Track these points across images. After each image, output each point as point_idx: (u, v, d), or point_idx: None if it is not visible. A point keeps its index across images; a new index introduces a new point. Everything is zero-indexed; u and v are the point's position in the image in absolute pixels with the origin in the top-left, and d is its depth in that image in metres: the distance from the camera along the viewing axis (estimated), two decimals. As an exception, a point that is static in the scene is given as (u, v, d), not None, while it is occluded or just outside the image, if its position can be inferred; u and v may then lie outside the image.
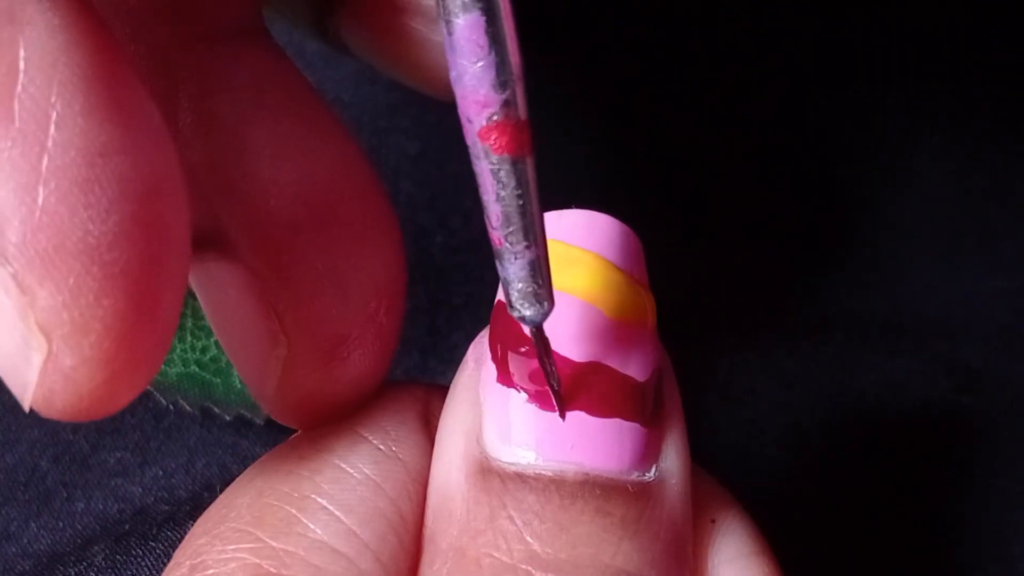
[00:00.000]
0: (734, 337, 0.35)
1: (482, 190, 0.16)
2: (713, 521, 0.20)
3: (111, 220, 0.15)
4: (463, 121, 0.15)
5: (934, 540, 0.32)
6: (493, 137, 0.15)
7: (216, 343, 0.30)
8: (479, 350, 0.20)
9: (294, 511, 0.18)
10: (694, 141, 0.38)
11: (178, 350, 0.30)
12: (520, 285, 0.17)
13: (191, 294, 0.31)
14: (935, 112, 0.38)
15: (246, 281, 0.20)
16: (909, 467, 0.33)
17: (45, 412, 0.16)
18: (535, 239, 0.16)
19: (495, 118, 0.15)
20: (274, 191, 0.19)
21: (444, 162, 0.36)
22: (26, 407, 0.16)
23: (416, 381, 0.22)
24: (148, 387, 0.29)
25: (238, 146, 0.19)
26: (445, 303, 0.34)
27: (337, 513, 0.18)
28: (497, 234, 0.16)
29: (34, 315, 0.15)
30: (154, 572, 0.27)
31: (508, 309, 0.17)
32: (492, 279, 0.20)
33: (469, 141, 0.16)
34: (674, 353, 0.21)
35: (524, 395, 0.18)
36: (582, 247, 0.19)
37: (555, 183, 0.36)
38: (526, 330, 0.18)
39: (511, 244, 0.16)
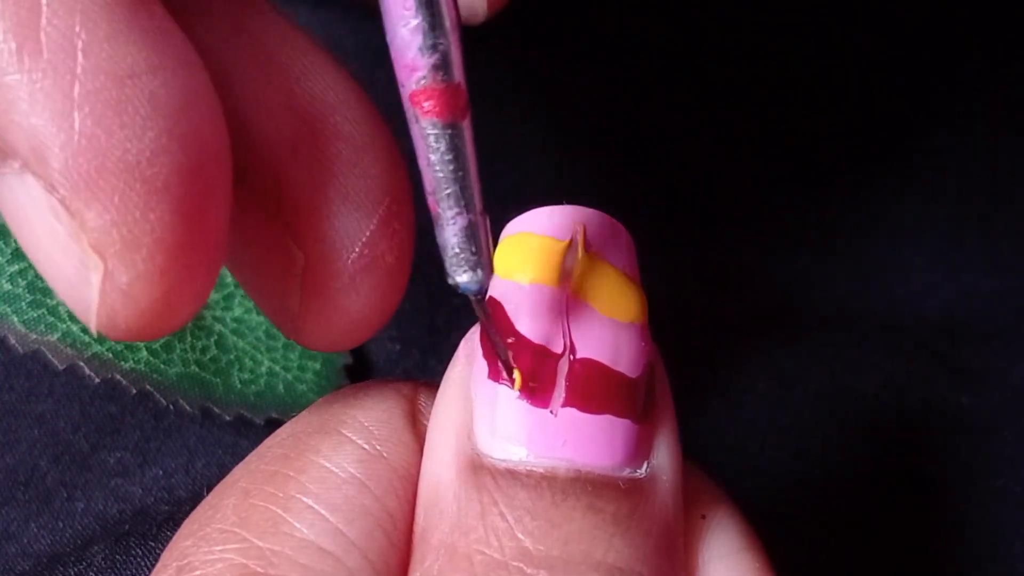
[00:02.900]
0: (734, 337, 0.35)
1: (417, 154, 0.16)
2: (703, 517, 0.20)
3: (147, 137, 0.16)
4: (399, 85, 0.16)
5: (934, 540, 0.32)
6: (422, 101, 0.15)
7: (216, 343, 0.30)
8: (470, 346, 0.20)
9: (280, 511, 0.18)
10: (693, 140, 0.38)
11: (178, 350, 0.30)
12: (453, 251, 0.17)
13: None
14: (935, 112, 0.38)
15: (253, 203, 0.20)
16: (909, 467, 0.33)
17: (111, 333, 0.17)
18: (468, 206, 0.17)
19: (423, 82, 0.15)
20: (266, 112, 0.20)
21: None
22: (93, 329, 0.17)
23: (403, 378, 0.22)
24: (148, 387, 0.29)
25: (223, 73, 0.20)
26: (445, 303, 0.34)
27: (323, 512, 0.18)
28: (431, 199, 0.17)
29: (86, 236, 0.16)
30: (154, 572, 0.27)
31: (446, 277, 0.18)
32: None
33: (404, 105, 0.16)
34: (673, 352, 0.21)
35: (515, 391, 0.18)
36: (574, 243, 0.19)
37: (553, 181, 0.36)
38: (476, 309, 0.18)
39: (443, 210, 0.17)
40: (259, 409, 0.30)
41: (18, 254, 0.28)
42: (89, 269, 0.16)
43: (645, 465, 0.19)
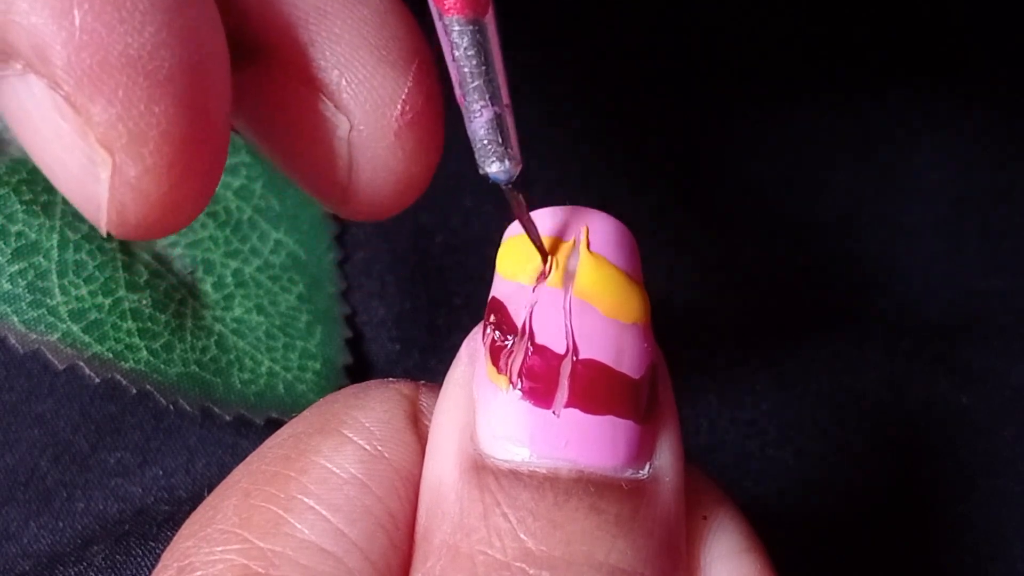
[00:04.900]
0: (734, 337, 0.35)
1: (444, 51, 0.17)
2: (705, 518, 0.20)
3: (147, 31, 0.16)
4: None
5: (934, 540, 0.32)
6: None
7: (216, 343, 0.30)
8: (472, 346, 0.20)
9: (281, 511, 0.18)
10: (694, 140, 0.38)
11: (178, 350, 0.30)
12: (481, 143, 0.18)
13: (191, 294, 0.31)
14: (935, 112, 0.38)
15: (290, 75, 0.20)
16: (909, 467, 0.33)
17: (121, 230, 0.17)
18: (493, 98, 0.17)
19: None
20: None
21: (444, 162, 0.36)
22: (103, 229, 0.17)
23: (404, 379, 0.22)
24: (148, 387, 0.29)
25: None
26: (445, 303, 0.34)
27: (324, 513, 0.18)
28: (459, 93, 0.17)
29: (92, 132, 0.16)
30: (154, 572, 0.27)
31: (477, 168, 0.18)
32: (492, 279, 0.20)
33: (429, 4, 0.16)
34: (674, 353, 0.21)
35: (518, 392, 0.18)
36: (577, 243, 0.19)
37: (555, 182, 0.36)
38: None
39: (469, 103, 0.17)
40: (259, 409, 0.30)
41: (18, 254, 0.28)
42: (97, 165, 0.16)
43: (647, 466, 0.19)
